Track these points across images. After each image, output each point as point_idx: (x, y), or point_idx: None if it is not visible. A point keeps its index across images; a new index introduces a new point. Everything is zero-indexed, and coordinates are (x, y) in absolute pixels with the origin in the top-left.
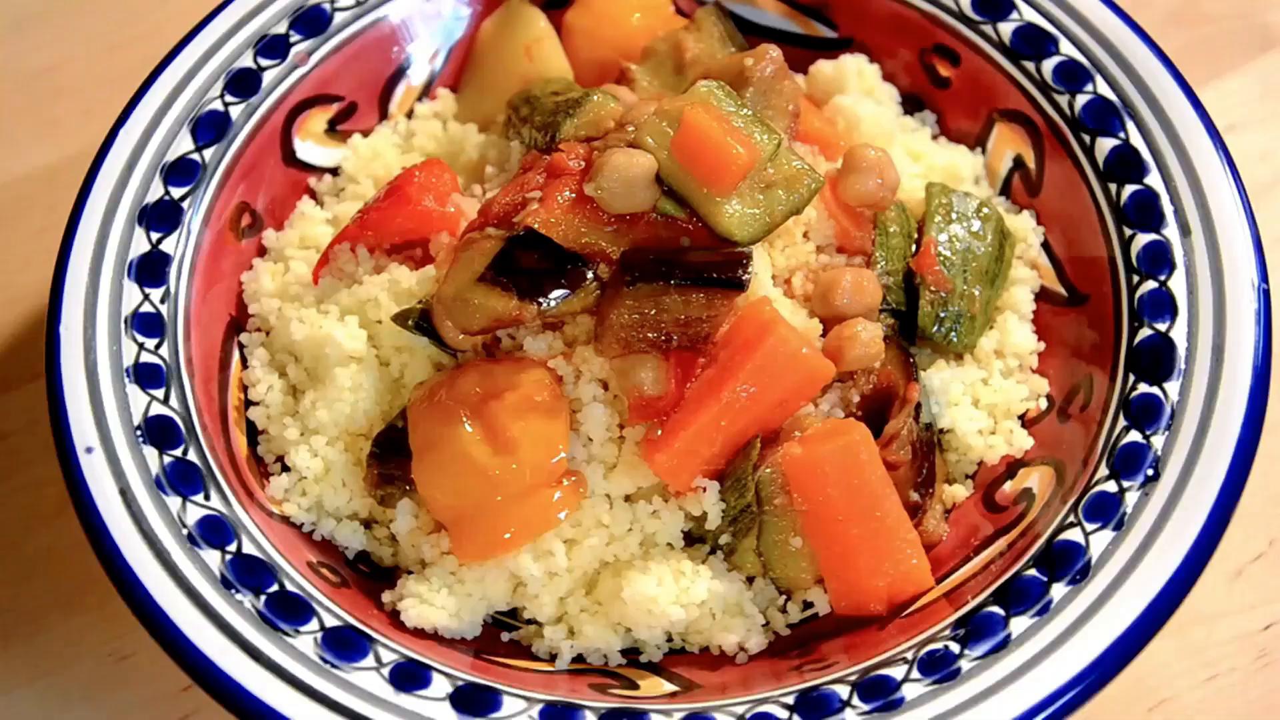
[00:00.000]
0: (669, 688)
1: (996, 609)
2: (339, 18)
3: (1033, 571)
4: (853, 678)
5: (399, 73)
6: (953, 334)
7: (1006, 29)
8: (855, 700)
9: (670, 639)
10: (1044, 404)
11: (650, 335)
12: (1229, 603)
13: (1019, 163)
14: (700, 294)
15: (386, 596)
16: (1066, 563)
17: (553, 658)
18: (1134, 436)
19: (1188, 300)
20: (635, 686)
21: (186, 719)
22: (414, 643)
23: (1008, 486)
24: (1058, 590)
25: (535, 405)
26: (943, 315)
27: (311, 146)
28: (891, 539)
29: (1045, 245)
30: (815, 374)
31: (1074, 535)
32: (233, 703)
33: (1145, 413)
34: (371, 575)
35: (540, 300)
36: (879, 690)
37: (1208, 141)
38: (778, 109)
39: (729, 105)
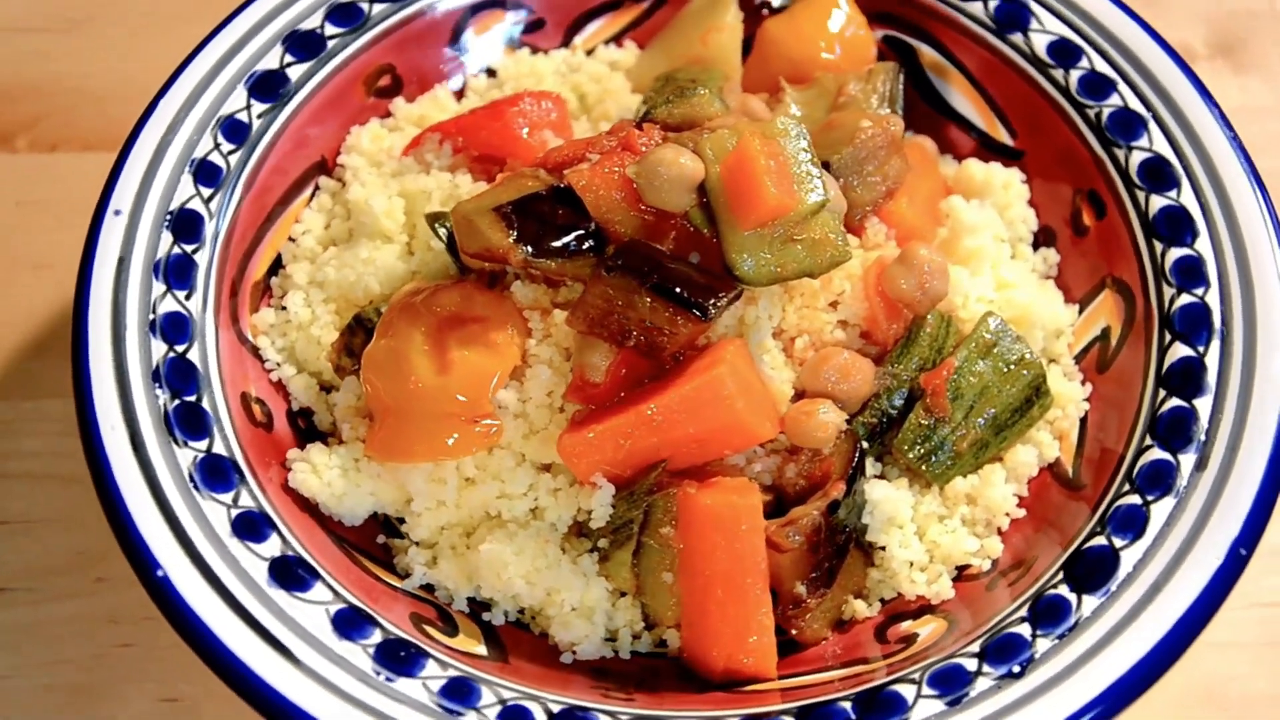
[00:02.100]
0: (480, 650)
1: None
2: None
3: (846, 705)
4: (626, 717)
5: (599, 10)
6: (929, 461)
7: (1157, 203)
8: None
9: (522, 612)
10: (987, 565)
11: (613, 325)
12: None
13: (1104, 334)
14: (667, 307)
15: (290, 454)
16: (882, 710)
17: (407, 576)
18: (1022, 629)
19: (1159, 530)
20: (453, 635)
21: None
22: (287, 505)
23: (904, 625)
24: None
25: (487, 342)
26: (925, 439)
27: (483, 43)
28: (744, 614)
29: (1084, 421)
30: (743, 427)
31: (905, 690)
32: (100, 484)
33: (1049, 612)
34: (305, 433)
35: (529, 248)
36: None
37: (1277, 395)
38: (869, 180)
39: (794, 148)
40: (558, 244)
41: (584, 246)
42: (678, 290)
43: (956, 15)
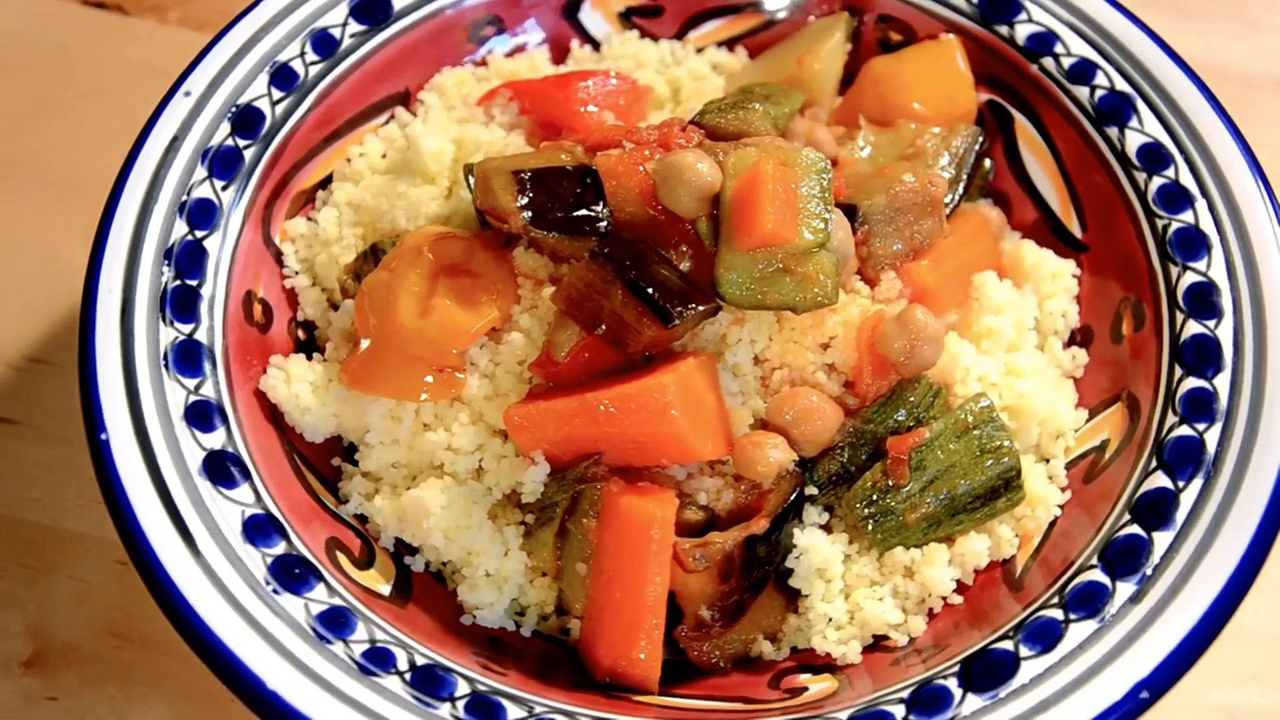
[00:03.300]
0: (384, 590)
1: None
2: None
3: None
4: (482, 688)
5: (719, 11)
6: (874, 523)
7: (1192, 329)
8: (458, 704)
9: (445, 565)
10: (904, 641)
11: (587, 309)
12: None
13: (1102, 447)
14: (636, 304)
15: (273, 359)
16: None
17: (345, 503)
18: (896, 710)
19: (1069, 651)
20: (364, 569)
21: None
22: (249, 406)
23: (801, 677)
24: None
25: (470, 298)
26: (874, 501)
27: (598, 17)
28: (635, 620)
29: (1053, 526)
30: (680, 440)
31: None
32: (81, 339)
33: (929, 701)
34: (304, 344)
35: (530, 214)
36: (482, 709)
37: (1239, 549)
38: (896, 232)
39: (810, 183)
40: (558, 218)
41: (585, 228)
42: (649, 290)
43: (1062, 96)
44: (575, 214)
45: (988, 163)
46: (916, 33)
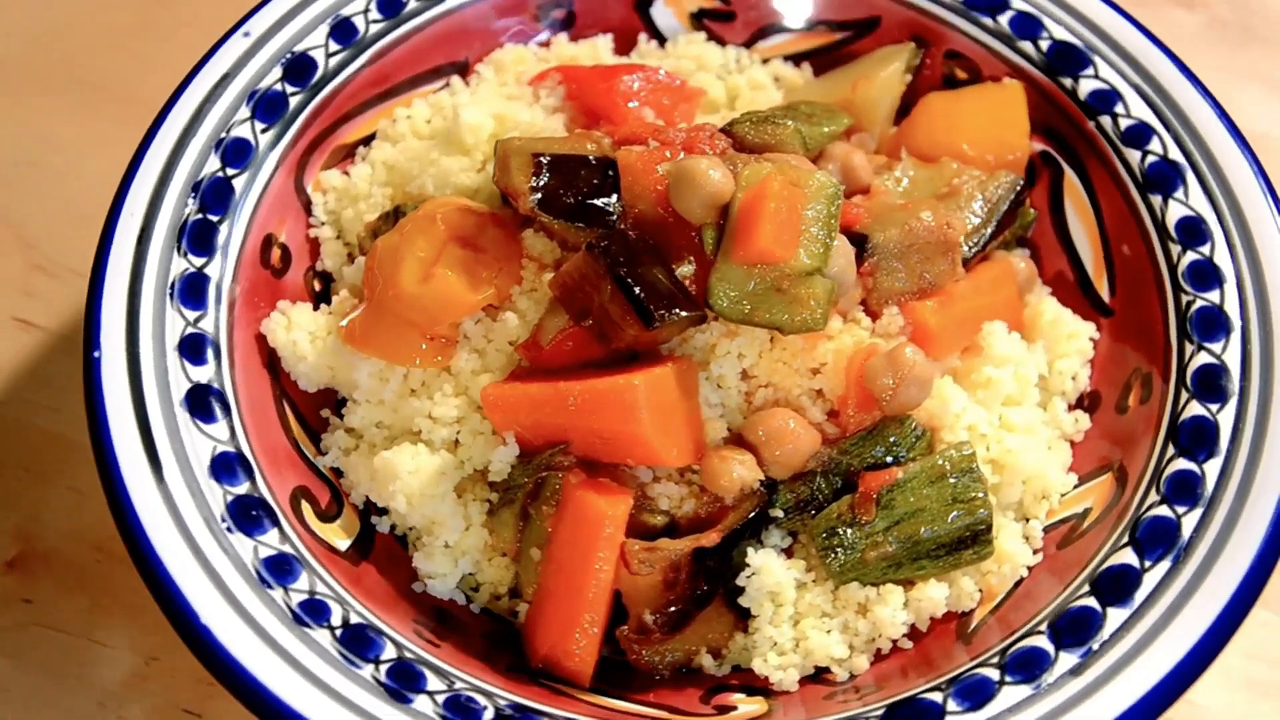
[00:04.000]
0: (341, 544)
1: None
2: None
3: None
4: (409, 656)
5: (785, 26)
6: (833, 554)
7: (1193, 410)
8: (381, 667)
9: (410, 530)
10: (844, 676)
11: (578, 300)
12: None
13: (1084, 514)
14: (622, 302)
15: (280, 304)
16: None
17: (325, 454)
18: None
19: (998, 712)
20: (327, 522)
21: None
22: (247, 344)
23: (733, 696)
24: None
25: (470, 271)
26: (835, 533)
27: (669, 15)
28: (573, 613)
29: (1018, 585)
30: (645, 443)
31: None
32: (96, 257)
33: None
34: (319, 295)
35: (539, 198)
36: (403, 676)
37: (1192, 638)
38: (905, 268)
39: (815, 206)
40: (567, 205)
41: (594, 220)
42: (636, 290)
43: (1113, 157)
44: (586, 204)
45: (1031, 212)
46: (982, 73)
